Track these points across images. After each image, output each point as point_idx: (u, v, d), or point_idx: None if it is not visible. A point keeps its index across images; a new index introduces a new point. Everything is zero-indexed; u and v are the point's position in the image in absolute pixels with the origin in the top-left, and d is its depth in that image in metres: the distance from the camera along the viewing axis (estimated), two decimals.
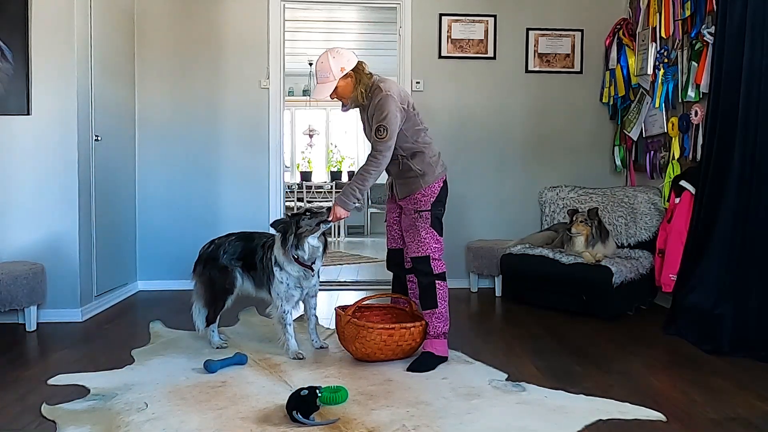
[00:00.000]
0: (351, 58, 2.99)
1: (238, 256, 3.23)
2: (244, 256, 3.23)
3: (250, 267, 3.23)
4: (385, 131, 2.88)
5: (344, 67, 2.95)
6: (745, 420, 2.38)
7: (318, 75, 2.99)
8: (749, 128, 3.37)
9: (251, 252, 3.22)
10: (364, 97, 2.98)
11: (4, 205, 3.83)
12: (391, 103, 2.91)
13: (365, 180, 2.96)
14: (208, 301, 3.27)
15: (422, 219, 3.03)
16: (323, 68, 2.95)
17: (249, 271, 3.24)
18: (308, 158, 10.89)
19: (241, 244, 3.26)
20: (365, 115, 3.08)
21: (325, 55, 2.97)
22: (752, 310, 3.28)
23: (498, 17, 5.05)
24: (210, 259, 3.25)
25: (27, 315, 3.67)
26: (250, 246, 3.24)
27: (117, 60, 4.54)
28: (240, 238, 3.30)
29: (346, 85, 2.98)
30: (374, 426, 2.28)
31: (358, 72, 2.99)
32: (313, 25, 7.41)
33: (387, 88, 2.95)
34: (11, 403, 2.53)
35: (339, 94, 3.01)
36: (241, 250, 3.24)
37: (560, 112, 5.16)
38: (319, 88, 2.99)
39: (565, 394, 2.62)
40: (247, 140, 4.98)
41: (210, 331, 3.31)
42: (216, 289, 3.23)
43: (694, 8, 3.99)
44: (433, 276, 3.04)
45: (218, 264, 3.23)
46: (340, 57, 2.96)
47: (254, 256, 3.20)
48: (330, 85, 2.96)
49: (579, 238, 4.24)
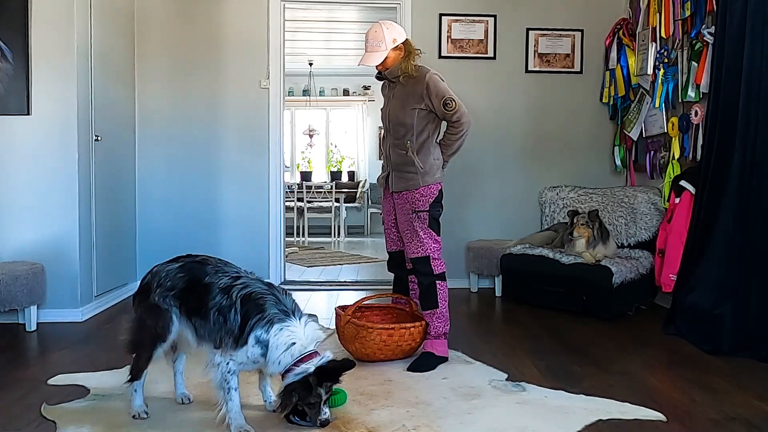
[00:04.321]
0: (402, 32, 3.09)
1: (177, 293, 2.28)
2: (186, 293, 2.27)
3: (193, 311, 2.25)
4: (452, 101, 2.99)
5: (396, 38, 3.04)
6: (745, 420, 2.38)
7: (369, 43, 3.05)
8: (749, 128, 3.37)
9: (201, 290, 2.24)
10: (414, 69, 3.05)
11: (4, 205, 3.83)
12: (442, 81, 3.05)
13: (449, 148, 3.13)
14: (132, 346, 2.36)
15: (420, 220, 3.03)
16: (376, 37, 3.02)
17: (191, 317, 2.27)
18: (308, 158, 10.89)
19: (185, 278, 2.29)
20: (398, 92, 3.10)
21: (378, 25, 3.06)
22: (752, 310, 3.28)
23: (498, 17, 5.05)
24: (142, 291, 2.34)
25: (27, 315, 3.67)
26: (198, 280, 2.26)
27: (117, 60, 4.54)
28: (184, 269, 2.31)
29: (395, 56, 3.06)
30: (374, 426, 2.28)
31: (408, 45, 3.09)
32: (313, 25, 7.41)
33: (434, 71, 3.08)
34: (11, 403, 2.53)
35: (386, 64, 3.07)
36: (184, 286, 2.27)
37: (560, 112, 5.15)
38: (369, 56, 3.05)
39: (565, 394, 2.62)
40: (247, 140, 4.98)
41: (131, 390, 2.35)
42: (143, 333, 2.31)
43: (694, 8, 3.99)
44: (434, 276, 3.04)
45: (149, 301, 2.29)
46: (393, 29, 3.06)
47: (204, 298, 2.22)
48: (380, 54, 3.03)
49: (580, 240, 4.24)
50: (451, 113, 3.00)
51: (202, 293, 2.23)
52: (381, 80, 3.21)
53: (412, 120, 3.01)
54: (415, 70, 3.05)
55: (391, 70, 3.08)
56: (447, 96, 2.98)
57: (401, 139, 3.05)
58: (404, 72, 3.05)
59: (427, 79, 3.00)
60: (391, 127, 3.09)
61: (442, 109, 2.99)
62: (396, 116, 3.05)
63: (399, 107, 3.05)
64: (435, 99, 2.98)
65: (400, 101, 3.06)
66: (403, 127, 3.03)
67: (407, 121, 3.01)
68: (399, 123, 3.04)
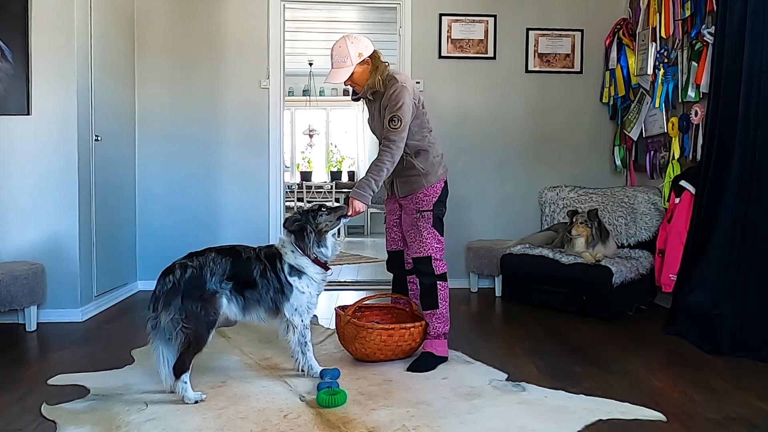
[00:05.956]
0: (368, 45, 2.98)
1: (228, 275, 2.60)
2: (235, 274, 2.62)
3: (244, 286, 2.64)
4: (399, 121, 2.87)
5: (362, 53, 2.94)
6: (745, 420, 2.38)
7: (334, 59, 2.96)
8: (749, 128, 3.37)
9: (245, 267, 2.65)
10: (381, 85, 2.96)
11: (4, 205, 3.83)
12: (406, 95, 2.91)
13: (380, 171, 2.87)
14: (185, 343, 2.49)
15: (424, 219, 3.02)
16: (340, 53, 2.93)
17: (242, 292, 2.64)
18: (308, 158, 10.89)
19: (229, 260, 2.62)
20: (375, 106, 3.05)
21: (342, 39, 2.96)
22: (752, 310, 3.28)
23: (498, 17, 5.05)
24: (192, 287, 2.52)
25: (27, 315, 3.67)
26: (240, 260, 2.65)
27: (117, 60, 4.54)
28: (224, 254, 2.65)
29: (362, 71, 2.97)
30: (374, 426, 2.28)
31: (375, 59, 2.99)
32: (313, 25, 7.41)
33: (403, 80, 2.96)
34: (11, 403, 2.53)
35: (353, 80, 2.99)
36: (230, 267, 2.61)
37: (560, 112, 5.15)
38: (335, 72, 2.96)
39: (565, 394, 2.62)
40: (247, 140, 4.98)
41: (181, 383, 2.51)
42: (199, 324, 2.50)
43: (694, 8, 3.99)
44: (435, 277, 3.04)
45: (204, 291, 2.53)
46: (358, 43, 2.95)
47: (250, 272, 2.65)
48: (346, 70, 2.94)
49: (579, 240, 4.24)
50: (391, 130, 2.87)
51: (246, 267, 2.65)
52: (357, 100, 3.15)
53: None
54: (382, 84, 2.96)
55: (367, 85, 2.99)
56: (397, 114, 2.87)
57: None
58: (372, 88, 2.98)
59: (391, 91, 2.92)
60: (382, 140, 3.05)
61: (387, 125, 2.89)
62: (381, 132, 2.99)
63: (381, 124, 2.98)
64: (387, 111, 2.91)
65: (380, 116, 3.00)
66: None
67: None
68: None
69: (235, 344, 3.35)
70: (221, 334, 3.50)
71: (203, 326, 2.51)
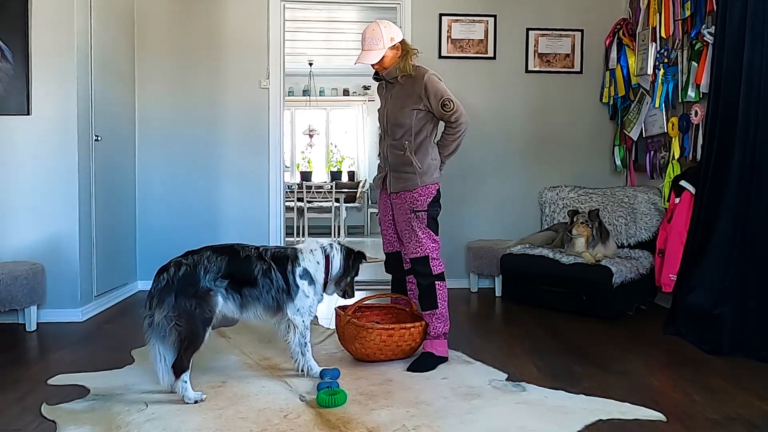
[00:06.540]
0: (399, 32, 3.09)
1: (224, 273, 2.61)
2: (232, 272, 2.63)
3: (242, 284, 2.65)
4: (451, 102, 2.98)
5: (394, 37, 3.03)
6: (745, 420, 2.38)
7: (367, 41, 3.03)
8: (749, 128, 3.37)
9: (243, 265, 2.66)
10: (413, 69, 3.04)
11: (4, 205, 3.83)
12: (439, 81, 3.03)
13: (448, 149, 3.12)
14: (180, 340, 2.49)
15: (418, 219, 3.03)
16: (374, 35, 3.00)
17: (240, 289, 2.66)
18: (308, 158, 10.89)
19: (225, 259, 2.63)
20: (394, 91, 3.09)
21: (375, 23, 3.04)
22: (752, 310, 3.28)
23: (498, 17, 5.05)
24: (185, 285, 2.52)
25: (27, 315, 3.67)
26: (237, 258, 2.66)
27: (117, 60, 4.54)
28: (220, 252, 2.66)
29: (392, 56, 3.05)
30: (374, 426, 2.28)
31: (405, 44, 3.08)
32: (313, 25, 7.41)
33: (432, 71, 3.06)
34: (11, 403, 2.53)
35: (382, 63, 3.06)
36: (226, 265, 2.62)
37: (560, 112, 5.15)
38: (365, 54, 3.03)
39: (565, 394, 2.62)
40: (247, 140, 4.98)
41: (181, 383, 2.51)
42: (193, 322, 2.50)
43: (694, 8, 3.99)
44: (433, 277, 3.04)
45: (198, 288, 2.54)
46: (390, 28, 3.05)
47: (250, 270, 2.66)
48: (377, 52, 3.00)
49: (580, 239, 4.24)
50: (449, 114, 2.99)
51: (244, 266, 2.66)
52: (378, 81, 3.20)
53: (411, 120, 3.00)
54: (413, 69, 3.04)
55: (389, 71, 3.07)
56: (445, 96, 2.97)
57: (399, 139, 3.04)
58: (402, 72, 3.04)
59: (425, 79, 2.99)
60: (389, 127, 3.09)
61: (440, 110, 2.98)
62: (394, 117, 3.05)
63: (397, 108, 3.04)
64: (433, 99, 2.98)
65: (399, 102, 3.05)
66: (401, 128, 3.03)
67: (405, 122, 3.01)
68: (397, 124, 3.03)
69: (234, 344, 3.35)
70: (221, 334, 3.50)
71: (198, 323, 2.51)
